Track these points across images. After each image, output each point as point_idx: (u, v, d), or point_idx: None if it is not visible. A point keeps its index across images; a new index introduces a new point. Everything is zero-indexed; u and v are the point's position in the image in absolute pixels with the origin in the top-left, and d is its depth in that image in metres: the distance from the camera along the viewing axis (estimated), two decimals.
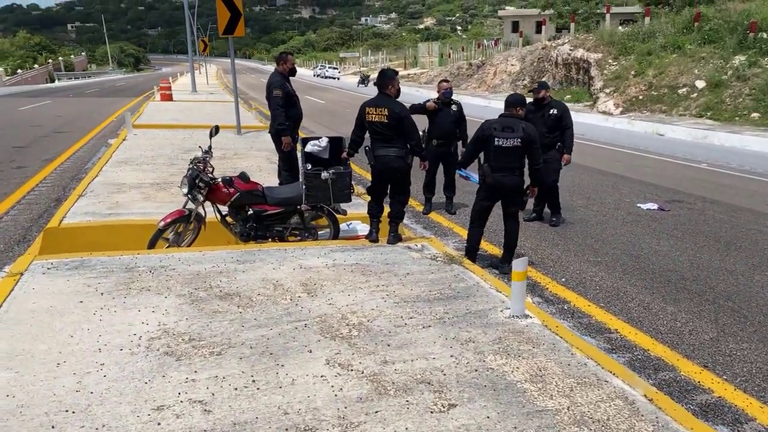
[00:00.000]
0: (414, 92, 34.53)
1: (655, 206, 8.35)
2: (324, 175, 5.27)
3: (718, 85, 19.71)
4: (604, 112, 21.89)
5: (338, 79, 53.26)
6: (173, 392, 2.91)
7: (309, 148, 5.67)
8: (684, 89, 20.72)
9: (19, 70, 52.69)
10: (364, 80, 42.14)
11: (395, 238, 5.51)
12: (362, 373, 3.17)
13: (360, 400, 2.92)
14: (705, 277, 5.68)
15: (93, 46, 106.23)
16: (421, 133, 6.29)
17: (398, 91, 5.42)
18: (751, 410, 3.47)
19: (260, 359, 3.27)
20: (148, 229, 5.56)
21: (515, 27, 46.20)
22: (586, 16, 35.40)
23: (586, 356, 3.48)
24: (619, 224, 7.49)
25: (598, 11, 36.80)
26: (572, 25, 31.78)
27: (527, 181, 5.49)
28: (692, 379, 3.81)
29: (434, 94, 8.15)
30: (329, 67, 58.58)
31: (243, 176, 5.41)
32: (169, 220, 5.30)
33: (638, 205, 8.44)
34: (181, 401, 2.84)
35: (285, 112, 7.02)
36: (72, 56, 77.67)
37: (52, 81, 55.64)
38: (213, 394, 2.91)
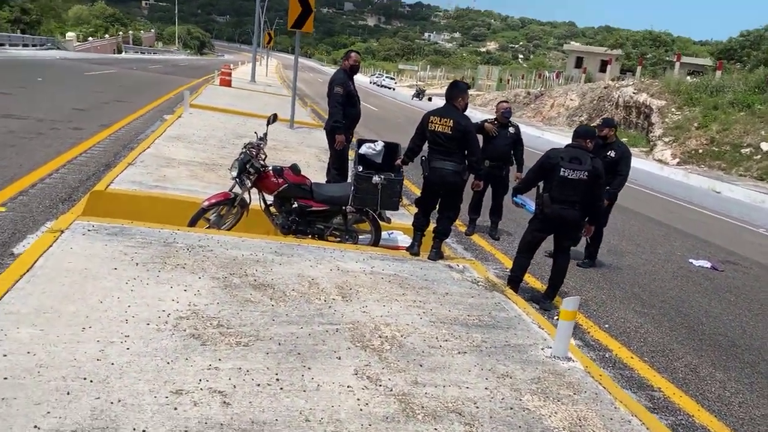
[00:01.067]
0: (468, 112, 34.37)
1: (708, 264, 7.96)
2: (375, 179, 5.13)
3: None
4: (660, 161, 21.30)
5: (394, 89, 53.46)
6: (194, 378, 2.79)
7: (363, 150, 5.54)
8: (747, 149, 20.01)
9: (90, 38, 54.48)
10: (419, 94, 42.18)
11: (437, 254, 5.32)
12: (391, 390, 2.99)
13: (386, 419, 2.74)
14: (758, 347, 5.32)
15: (162, 25, 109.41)
16: None
17: (466, 106, 5.26)
18: None
19: (287, 358, 3.12)
20: (191, 206, 5.51)
21: (579, 63, 45.64)
22: (655, 62, 34.72)
23: (630, 413, 3.22)
24: (669, 277, 7.14)
25: (667, 58, 36.09)
26: (639, 69, 31.14)
27: None
28: None
29: (487, 116, 7.94)
30: (386, 77, 58.89)
31: (294, 168, 5.31)
32: (213, 200, 5.23)
33: (690, 260, 8.05)
34: (201, 389, 2.71)
35: (343, 111, 6.92)
36: (142, 31, 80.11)
37: (120, 52, 57.39)
38: (234, 387, 2.77)
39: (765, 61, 28.77)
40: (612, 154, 6.61)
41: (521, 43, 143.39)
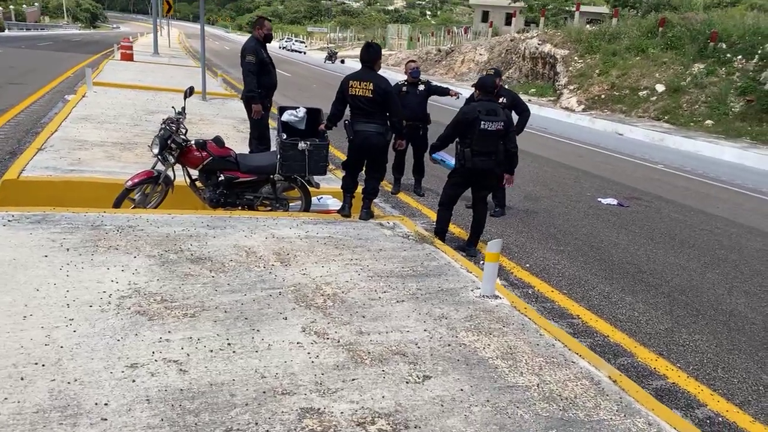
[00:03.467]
0: (381, 73, 34.38)
1: (614, 202, 8.61)
2: (301, 145, 5.21)
3: (676, 91, 20.37)
4: (566, 108, 22.32)
5: (305, 53, 52.42)
6: (147, 351, 2.87)
7: (285, 117, 5.59)
8: (644, 92, 21.32)
9: None
10: (331, 57, 41.66)
11: (368, 214, 5.51)
12: (338, 342, 3.19)
13: (337, 367, 2.94)
14: (660, 271, 5.91)
15: None
16: None
17: (379, 67, 5.38)
18: (702, 397, 3.66)
19: (235, 323, 3.25)
20: (113, 188, 5.40)
21: (485, 16, 46.46)
22: (556, 12, 35.88)
23: (553, 338, 3.59)
24: (580, 216, 7.69)
25: (567, 8, 37.35)
26: (542, 20, 32.14)
27: None
28: (648, 366, 3.98)
29: (402, 76, 8.10)
30: (296, 41, 57.55)
31: (218, 140, 5.30)
32: (137, 180, 5.15)
33: (599, 199, 8.68)
34: (156, 360, 2.80)
35: (258, 79, 6.87)
36: (24, 6, 73.79)
37: (2, 30, 52.81)
38: (188, 355, 2.88)
39: (656, 6, 30.43)
40: (503, 100, 6.94)
41: None
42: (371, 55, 5.34)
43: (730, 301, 5.28)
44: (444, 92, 7.80)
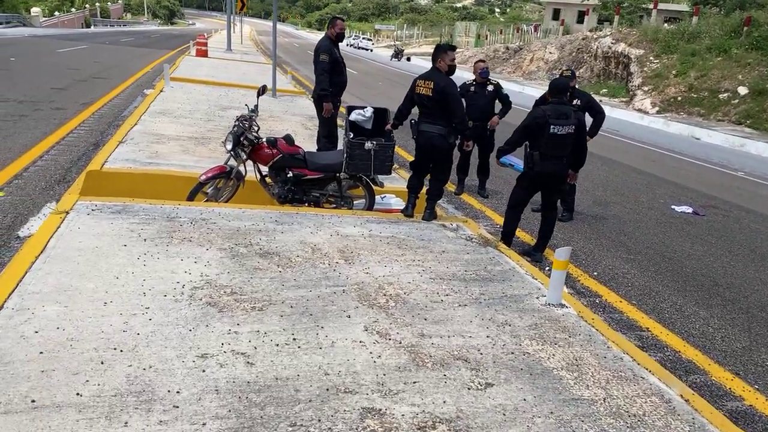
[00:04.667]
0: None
1: (689, 210, 8.24)
2: (367, 145, 5.25)
3: (761, 93, 19.25)
4: (640, 110, 21.51)
5: (371, 50, 52.80)
6: (216, 342, 2.97)
7: (353, 116, 5.65)
8: (725, 94, 20.27)
9: (56, 13, 52.87)
10: (397, 54, 41.75)
11: (431, 215, 5.50)
12: (400, 343, 3.20)
13: (398, 369, 2.95)
14: (739, 285, 5.62)
15: None
16: None
17: (451, 67, 5.31)
18: None
19: (300, 319, 3.31)
20: (188, 181, 5.61)
21: (556, 14, 45.33)
22: (631, 10, 34.59)
23: (622, 351, 3.47)
24: (652, 224, 7.40)
25: (644, 6, 35.94)
26: (616, 18, 31.07)
27: None
28: (723, 385, 3.80)
29: (469, 74, 8.02)
30: (363, 38, 58.05)
31: (288, 138, 5.41)
32: (210, 174, 5.33)
33: (672, 206, 8.33)
34: (225, 352, 2.89)
35: (330, 78, 6.97)
36: (108, 3, 77.70)
37: (88, 26, 55.83)
38: (255, 348, 2.96)
39: (740, 4, 28.82)
40: (578, 102, 6.75)
41: None
42: (435, 53, 5.31)
43: None
44: (504, 108, 7.58)
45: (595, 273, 5.55)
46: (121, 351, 2.78)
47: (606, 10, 36.48)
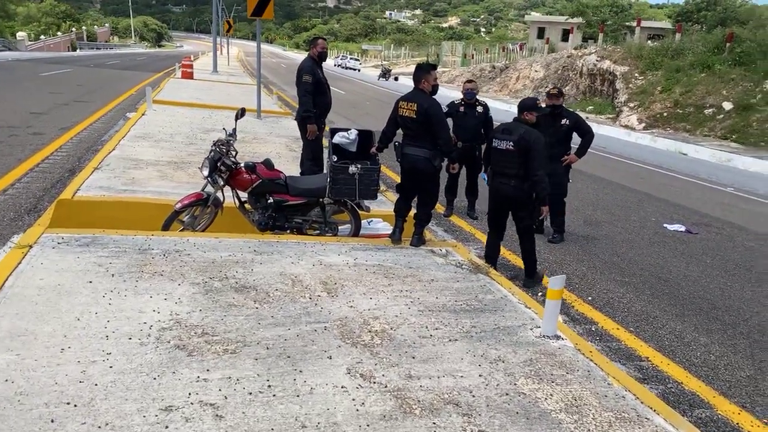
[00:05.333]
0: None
1: (682, 228, 8.08)
2: (352, 169, 5.04)
3: (746, 109, 19.33)
4: (626, 126, 21.54)
5: (359, 70, 52.99)
6: (183, 392, 2.70)
7: (337, 139, 5.44)
8: (710, 110, 20.36)
9: (42, 36, 52.71)
10: (385, 74, 41.87)
11: (419, 240, 5.28)
12: (385, 387, 2.95)
13: (383, 417, 2.70)
14: (738, 308, 5.42)
15: (116, 19, 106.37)
16: None
17: (434, 87, 5.12)
18: None
19: (277, 362, 3.06)
20: (164, 209, 5.36)
21: (541, 33, 45.74)
22: (615, 28, 34.98)
23: (623, 388, 3.24)
24: (645, 244, 7.22)
25: (627, 24, 36.39)
26: (600, 36, 31.35)
27: None
28: (730, 420, 3.57)
29: (456, 94, 7.89)
30: (351, 58, 58.32)
31: (267, 163, 5.19)
32: (186, 202, 5.09)
33: (665, 225, 8.17)
34: (191, 403, 2.63)
35: (313, 100, 6.77)
36: (95, 27, 77.73)
37: (74, 50, 55.66)
38: (226, 398, 2.70)
39: (722, 21, 29.22)
40: (566, 122, 6.61)
41: (482, 16, 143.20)
42: (418, 74, 5.09)
43: None
44: (488, 136, 7.33)
45: (590, 298, 5.33)
46: (75, 406, 2.51)
47: (590, 28, 36.88)
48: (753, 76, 20.34)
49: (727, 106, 20.00)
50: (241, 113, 5.65)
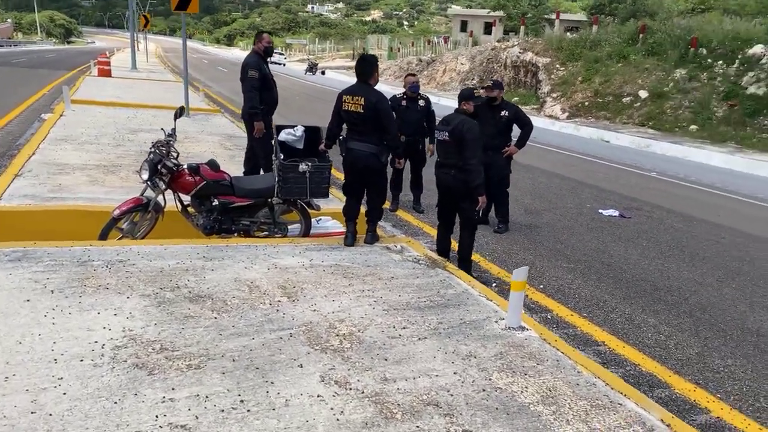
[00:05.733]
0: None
1: (616, 213, 8.40)
2: (302, 167, 4.88)
3: (660, 96, 20.41)
4: (550, 116, 22.28)
5: (284, 65, 52.09)
6: (149, 415, 2.51)
7: (283, 137, 5.27)
8: (628, 98, 21.36)
9: None
10: (311, 68, 41.35)
11: (373, 237, 5.19)
12: (362, 392, 2.86)
13: (365, 425, 2.60)
14: (677, 287, 5.67)
15: (20, 14, 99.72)
16: None
17: (376, 81, 5.03)
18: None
19: (246, 374, 2.90)
20: (99, 216, 5.04)
21: (464, 26, 46.52)
22: (535, 21, 36.05)
23: (593, 375, 3.29)
24: (584, 230, 7.45)
25: (546, 17, 37.60)
26: (522, 28, 32.23)
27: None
28: (688, 398, 3.71)
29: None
30: (275, 53, 57.27)
31: (212, 164, 4.95)
32: (125, 208, 4.78)
33: (600, 211, 8.46)
34: (160, 426, 2.44)
35: (260, 96, 6.52)
36: None
37: None
38: (197, 417, 2.52)
39: (633, 13, 30.68)
40: (505, 113, 6.73)
41: (405, 9, 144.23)
42: (365, 68, 4.95)
43: (755, 319, 5.05)
44: (432, 134, 7.34)
45: (541, 286, 5.43)
46: None
47: (511, 21, 37.84)
48: (665, 65, 21.50)
49: (643, 94, 21.05)
50: (180, 112, 5.37)
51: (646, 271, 6.07)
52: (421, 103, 7.25)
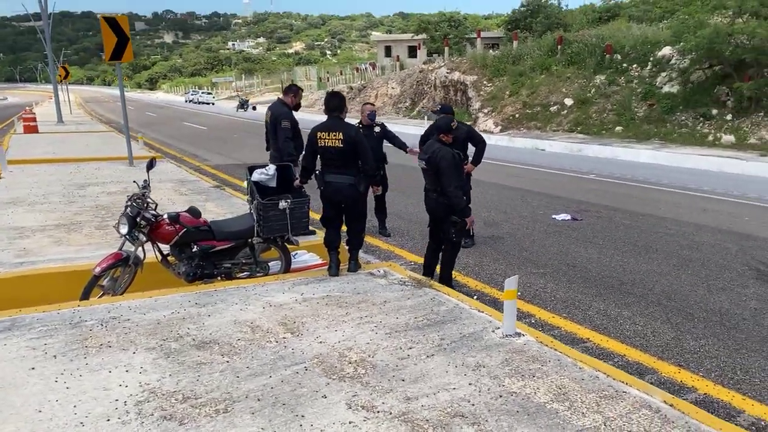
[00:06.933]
0: (298, 116, 34.26)
1: (568, 216, 8.85)
2: (282, 204, 4.97)
3: (584, 102, 21.56)
4: (485, 131, 23.05)
5: (213, 104, 51.60)
6: None
7: (256, 176, 5.34)
8: (555, 107, 22.43)
9: None
10: (243, 105, 41.14)
11: (356, 265, 5.31)
12: (390, 413, 2.97)
13: None
14: (640, 280, 6.06)
15: None
16: None
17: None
18: (737, 403, 3.71)
19: (275, 411, 2.96)
20: (75, 276, 4.97)
21: (388, 51, 47.60)
22: (457, 41, 37.32)
23: (594, 369, 3.53)
24: (543, 236, 7.83)
25: (467, 36, 39.02)
26: (446, 49, 33.31)
27: None
28: (675, 380, 4.01)
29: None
30: (202, 93, 56.64)
31: (193, 211, 4.97)
32: (105, 264, 4.72)
33: (553, 216, 8.89)
34: None
35: (293, 143, 6.61)
36: None
37: None
38: None
39: (548, 26, 32.36)
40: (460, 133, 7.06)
41: (326, 39, 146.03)
42: (337, 103, 5.15)
43: (714, 300, 5.48)
44: (401, 146, 7.74)
45: (519, 293, 5.65)
46: None
47: (434, 42, 39.00)
48: (585, 72, 22.75)
49: (569, 102, 22.16)
50: (151, 164, 5.37)
51: (608, 268, 6.45)
52: (377, 129, 7.48)
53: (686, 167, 14.36)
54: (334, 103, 5.10)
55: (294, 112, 6.88)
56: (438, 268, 5.53)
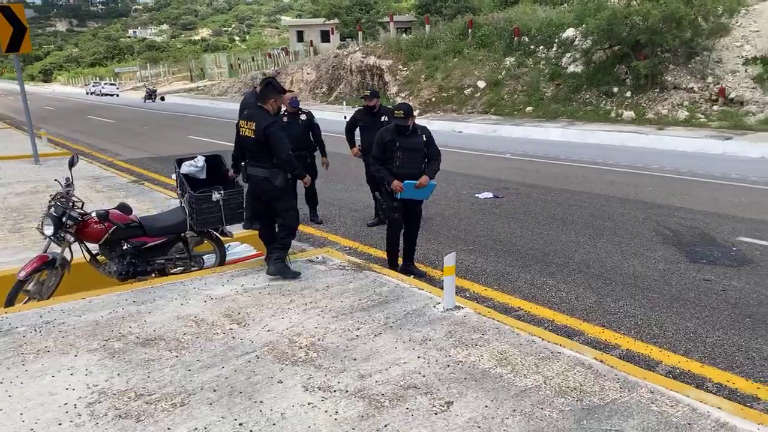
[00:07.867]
0: (211, 105, 33.29)
1: (490, 195, 9.24)
2: (215, 196, 4.91)
3: (496, 84, 22.30)
4: None
5: (118, 95, 49.04)
6: None
7: (185, 169, 5.23)
8: (469, 89, 23.05)
9: None
10: (150, 95, 39.37)
11: (277, 268, 4.83)
12: (347, 391, 3.09)
13: (362, 418, 2.85)
14: (561, 250, 6.47)
15: None
16: None
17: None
18: (655, 355, 4.10)
19: (232, 400, 3.00)
20: None
21: (300, 36, 46.93)
22: (370, 25, 37.37)
23: (529, 334, 3.79)
24: (469, 214, 8.15)
25: (379, 20, 39.15)
26: (360, 34, 33.33)
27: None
28: (600, 339, 4.36)
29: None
30: (105, 84, 53.61)
31: (123, 207, 4.80)
32: (30, 268, 4.51)
33: (476, 195, 9.25)
34: None
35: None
36: None
37: None
38: None
39: (458, 10, 33.09)
40: (385, 118, 7.27)
41: (234, 25, 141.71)
42: (263, 91, 5.04)
43: (628, 265, 5.94)
44: (321, 149, 7.71)
45: None
46: None
47: (347, 27, 38.86)
48: (495, 55, 23.50)
49: (481, 84, 22.83)
50: (74, 160, 5.14)
51: (531, 241, 6.83)
52: (303, 117, 7.46)
53: (593, 143, 15.25)
54: (263, 92, 5.04)
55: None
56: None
